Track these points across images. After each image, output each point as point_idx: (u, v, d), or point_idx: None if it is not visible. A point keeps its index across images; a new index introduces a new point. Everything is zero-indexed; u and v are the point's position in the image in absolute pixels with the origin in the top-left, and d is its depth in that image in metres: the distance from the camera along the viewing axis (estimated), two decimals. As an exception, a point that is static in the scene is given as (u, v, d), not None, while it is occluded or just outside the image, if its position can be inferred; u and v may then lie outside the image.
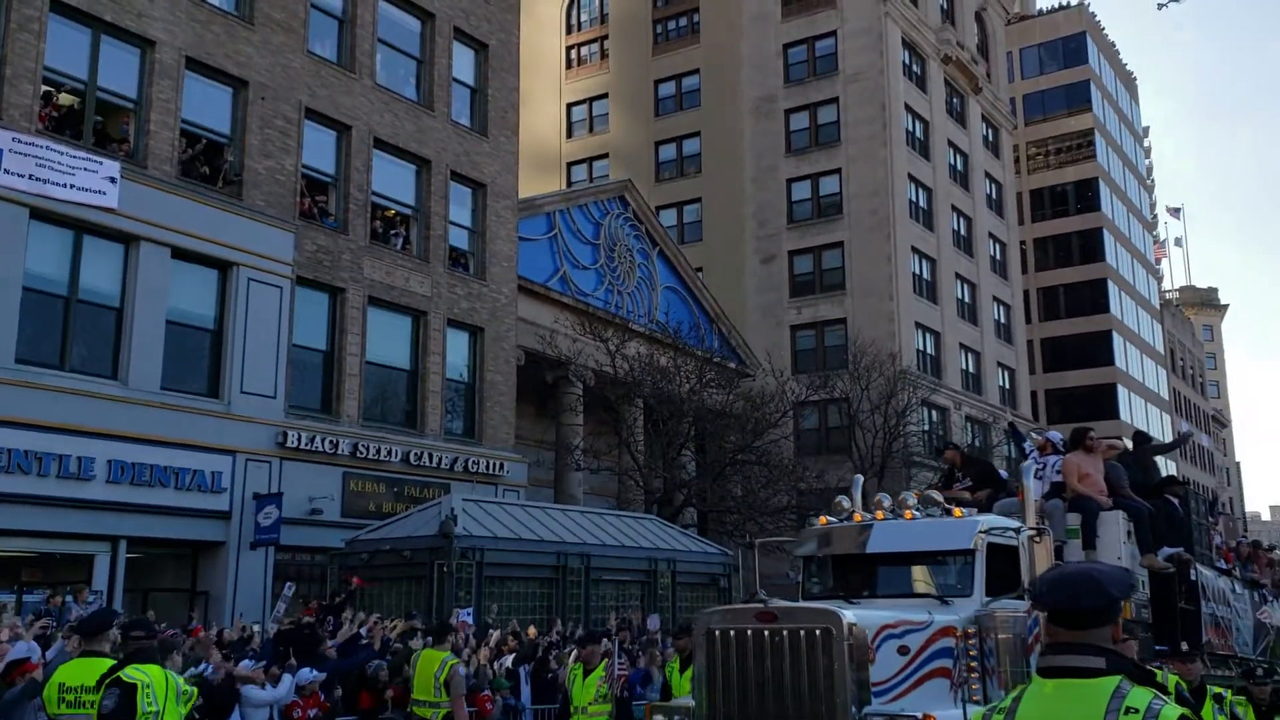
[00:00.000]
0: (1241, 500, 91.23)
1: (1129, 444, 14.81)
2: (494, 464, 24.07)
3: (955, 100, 45.79)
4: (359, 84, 22.65)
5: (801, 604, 8.97)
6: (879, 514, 10.10)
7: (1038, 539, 9.25)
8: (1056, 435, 12.27)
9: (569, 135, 45.68)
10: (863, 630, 8.05)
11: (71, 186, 16.99)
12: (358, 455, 21.17)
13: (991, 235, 47.50)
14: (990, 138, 49.07)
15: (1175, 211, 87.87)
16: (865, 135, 39.49)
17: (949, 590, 9.26)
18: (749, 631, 8.27)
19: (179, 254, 18.59)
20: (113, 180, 17.48)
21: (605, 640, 10.65)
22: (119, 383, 17.57)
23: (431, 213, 23.89)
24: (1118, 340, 58.81)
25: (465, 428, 24.31)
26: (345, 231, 22.00)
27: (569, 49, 46.65)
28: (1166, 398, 67.23)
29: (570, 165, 45.13)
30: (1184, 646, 7.80)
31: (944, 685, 8.54)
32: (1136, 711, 2.65)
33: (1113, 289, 59.48)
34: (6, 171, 16.28)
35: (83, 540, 17.14)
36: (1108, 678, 2.73)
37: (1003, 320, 47.77)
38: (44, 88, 17.51)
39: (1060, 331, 58.04)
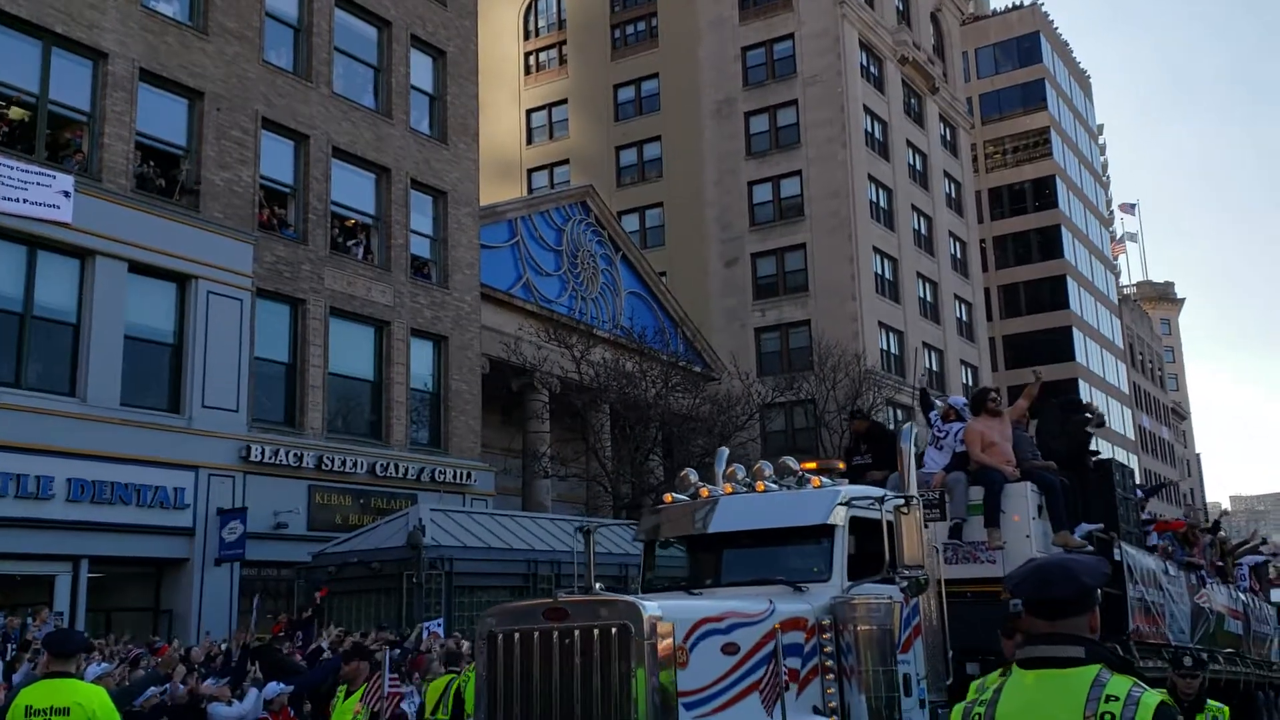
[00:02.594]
0: (1203, 491, 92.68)
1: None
2: (461, 473, 23.93)
3: (913, 101, 46.19)
4: (316, 93, 22.47)
5: (597, 596, 7.50)
6: (727, 487, 8.66)
7: (905, 510, 7.67)
8: (960, 400, 11.25)
9: (529, 141, 45.60)
10: (669, 626, 6.53)
11: (24, 201, 16.71)
12: (323, 468, 20.97)
13: (951, 234, 47.95)
14: (948, 137, 49.54)
15: (1130, 207, 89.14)
16: (825, 137, 39.73)
17: (805, 575, 7.85)
18: (535, 633, 6.72)
19: (136, 268, 18.33)
20: (67, 194, 17.21)
21: (378, 655, 9.16)
22: (77, 399, 17.30)
23: (392, 221, 23.74)
24: (1078, 336, 59.56)
25: (431, 437, 24.16)
26: (305, 242, 21.80)
27: (527, 55, 46.58)
28: (1127, 392, 68.16)
29: (531, 172, 45.03)
30: (1187, 662, 6.66)
31: (788, 692, 7.11)
32: (1117, 699, 2.67)
33: (1072, 285, 60.24)
34: (-44, 187, 15.99)
35: (43, 561, 16.85)
36: (1087, 667, 2.74)
37: (964, 318, 48.22)
38: (-7, 101, 17.23)
39: (1021, 328, 58.67)
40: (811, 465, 9.01)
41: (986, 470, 9.73)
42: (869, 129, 41.65)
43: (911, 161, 45.06)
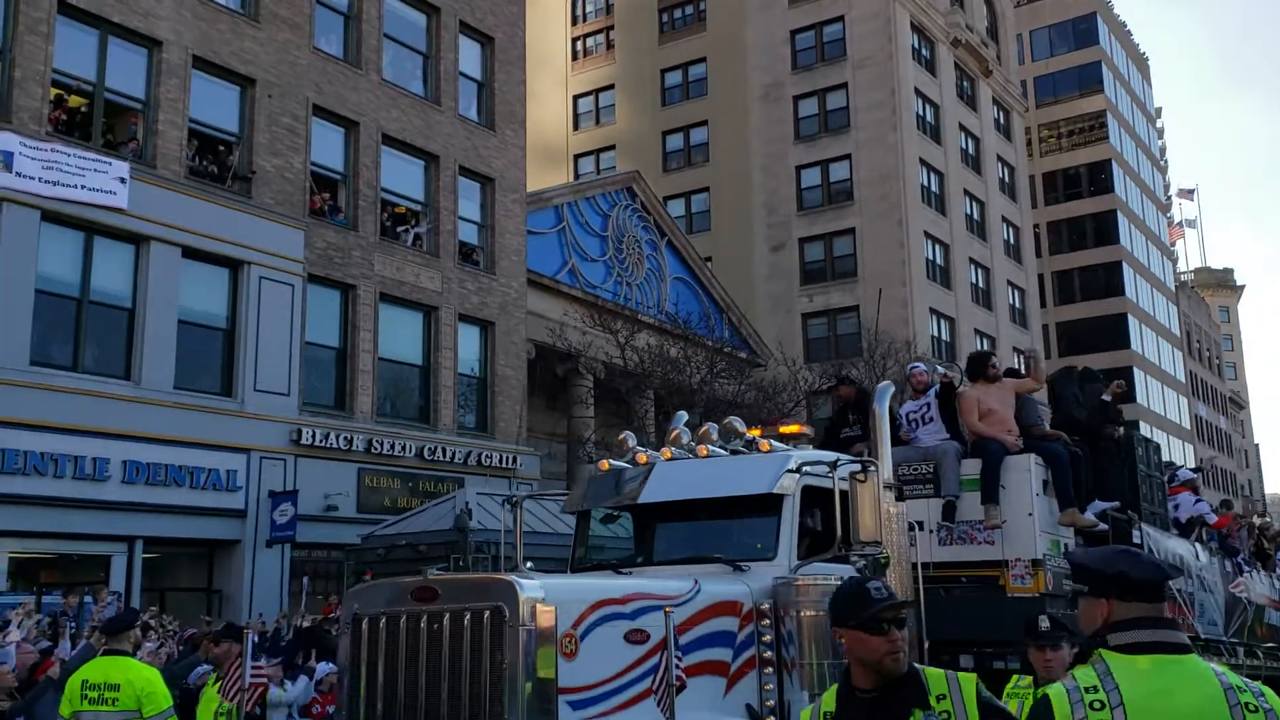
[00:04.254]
0: (1261, 482, 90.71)
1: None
2: (507, 457, 24.08)
3: (965, 84, 45.50)
4: (366, 80, 22.63)
5: (471, 575, 6.46)
6: (665, 453, 7.73)
7: (862, 477, 6.60)
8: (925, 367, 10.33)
9: (575, 128, 45.58)
10: (550, 609, 5.58)
11: (82, 188, 17.03)
12: (372, 451, 21.20)
13: (1005, 219, 47.24)
14: (1001, 121, 48.76)
15: (1189, 193, 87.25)
16: (875, 120, 39.28)
17: (749, 552, 6.93)
18: (403, 616, 5.87)
19: (190, 253, 18.62)
20: (122, 181, 17.51)
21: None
22: (132, 383, 17.63)
23: (440, 208, 23.88)
24: (1133, 323, 58.46)
25: (478, 422, 24.33)
26: (355, 228, 22.01)
27: (574, 40, 46.53)
28: (1183, 380, 66.82)
29: (577, 157, 45.04)
30: (1043, 624, 5.42)
31: (711, 687, 6.14)
32: (1244, 690, 2.57)
33: (1127, 272, 59.12)
34: (18, 174, 16.33)
35: (99, 541, 17.23)
36: (1191, 654, 2.65)
37: (1018, 305, 47.53)
38: (53, 90, 17.54)
39: (1075, 315, 57.71)
40: (755, 432, 7.93)
41: (984, 441, 8.76)
42: (920, 112, 41.11)
43: (964, 145, 44.42)
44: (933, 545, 8.36)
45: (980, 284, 44.22)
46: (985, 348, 43.58)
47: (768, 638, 6.49)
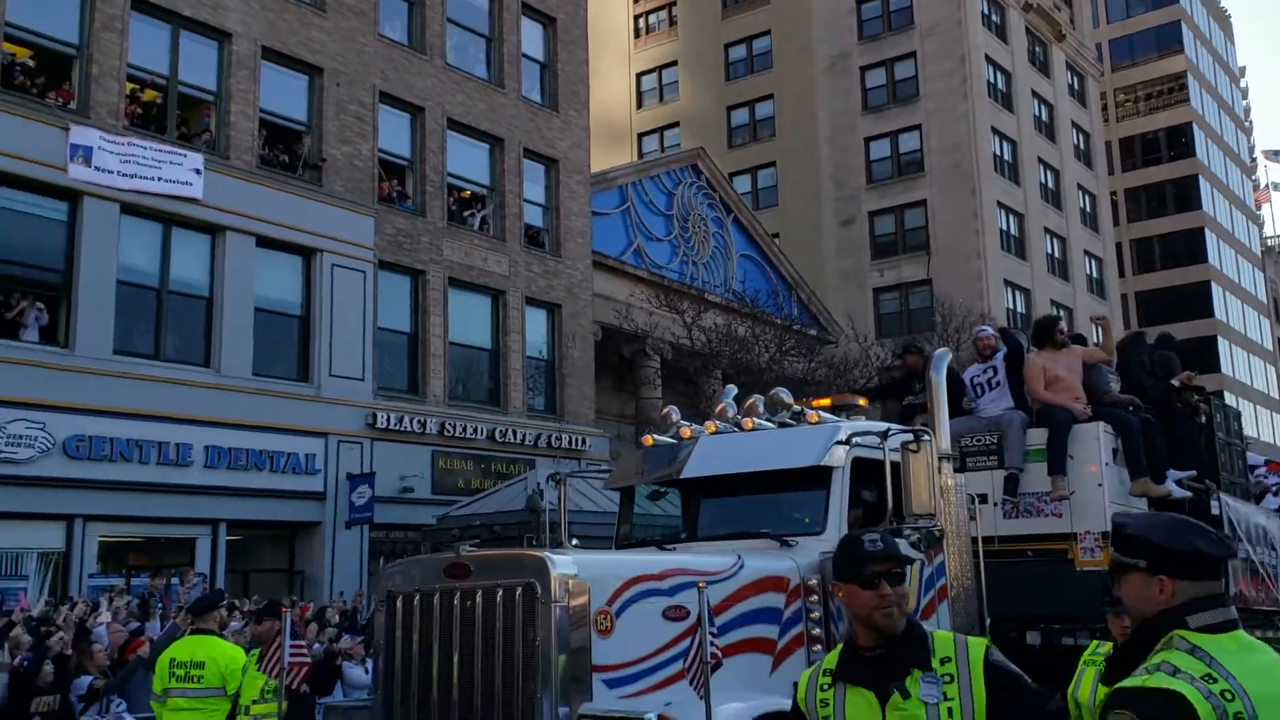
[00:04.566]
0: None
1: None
2: (576, 439, 24.19)
3: (1038, 49, 44.33)
4: (430, 65, 22.77)
5: (504, 550, 6.65)
6: (709, 426, 7.59)
7: (915, 447, 6.42)
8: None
9: (639, 106, 45.41)
10: (584, 585, 5.40)
11: (159, 179, 17.43)
12: (445, 434, 21.46)
13: (1081, 187, 46.03)
14: (1076, 86, 47.44)
15: (1275, 154, 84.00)
16: (945, 89, 38.48)
17: (796, 527, 6.70)
18: (436, 593, 5.73)
19: (263, 242, 18.96)
20: (197, 172, 17.88)
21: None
22: (212, 370, 18.04)
23: (506, 191, 23.98)
24: (1217, 291, 56.67)
25: (547, 404, 24.47)
26: (423, 214, 22.21)
27: (636, 18, 46.29)
28: (1270, 349, 64.66)
29: (641, 136, 44.88)
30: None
31: (756, 665, 5.95)
32: None
33: (1210, 238, 57.28)
34: (97, 168, 16.75)
35: (184, 524, 17.70)
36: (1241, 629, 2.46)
37: (1095, 274, 46.36)
38: (128, 85, 17.94)
39: (1156, 284, 56.16)
40: (824, 402, 7.72)
41: (1051, 409, 8.41)
42: (991, 80, 40.17)
43: (1037, 112, 43.33)
44: (997, 519, 8.13)
45: (1056, 254, 43.20)
46: (1062, 319, 42.59)
47: (816, 614, 6.26)
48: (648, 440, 7.88)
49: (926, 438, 6.54)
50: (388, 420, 20.36)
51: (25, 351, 15.87)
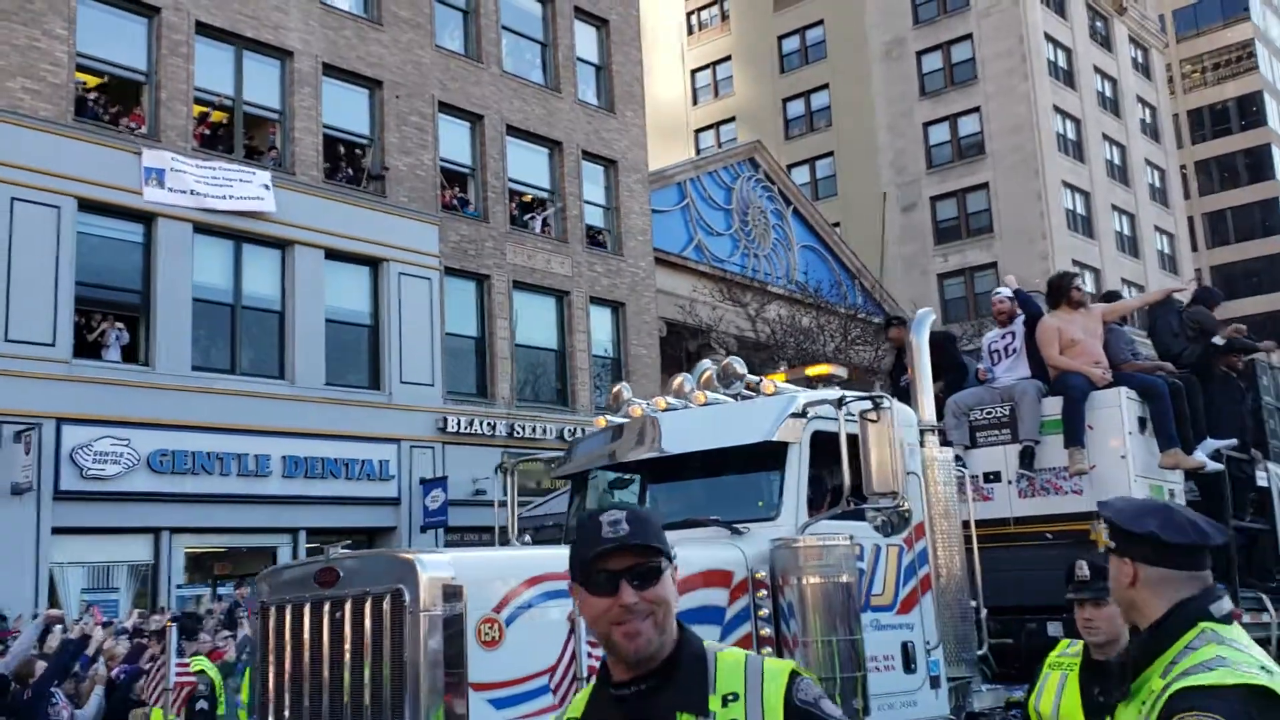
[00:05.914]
0: None
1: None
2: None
3: (1099, 24, 43.39)
4: (487, 73, 23.00)
5: (373, 552, 5.35)
6: (659, 402, 6.82)
7: (874, 416, 5.59)
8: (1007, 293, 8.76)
9: (694, 102, 45.35)
10: (460, 589, 4.61)
11: (229, 198, 17.85)
12: (514, 435, 21.66)
13: (1148, 162, 44.96)
14: (1140, 59, 46.33)
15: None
16: (1004, 70, 37.85)
17: (750, 511, 5.91)
18: (306, 603, 5.03)
19: (331, 254, 19.32)
20: (266, 188, 18.28)
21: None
22: (286, 382, 18.43)
23: (566, 193, 24.14)
24: (1296, 262, 54.96)
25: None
26: (486, 220, 22.45)
27: (689, 15, 46.24)
28: (1356, 319, 62.54)
29: (697, 132, 44.82)
30: (1080, 572, 4.25)
31: None
32: None
33: (1287, 208, 55.56)
34: (170, 190, 17.21)
35: (265, 533, 18.12)
36: None
37: (1167, 250, 45.26)
38: (196, 107, 18.40)
39: (1231, 257, 54.65)
40: (779, 377, 6.81)
41: (1064, 375, 7.63)
42: (1052, 58, 39.40)
43: (1100, 89, 42.40)
44: (1012, 498, 7.57)
45: (1125, 231, 42.25)
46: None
47: (765, 611, 5.47)
48: (599, 421, 7.10)
49: (886, 405, 5.70)
50: (458, 424, 20.62)
51: (108, 371, 16.38)
